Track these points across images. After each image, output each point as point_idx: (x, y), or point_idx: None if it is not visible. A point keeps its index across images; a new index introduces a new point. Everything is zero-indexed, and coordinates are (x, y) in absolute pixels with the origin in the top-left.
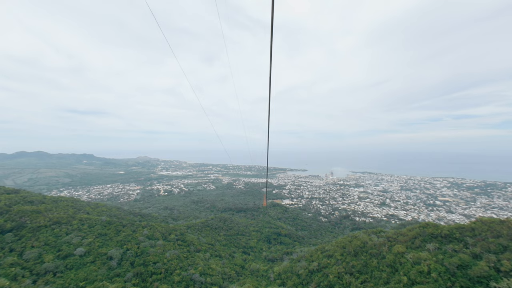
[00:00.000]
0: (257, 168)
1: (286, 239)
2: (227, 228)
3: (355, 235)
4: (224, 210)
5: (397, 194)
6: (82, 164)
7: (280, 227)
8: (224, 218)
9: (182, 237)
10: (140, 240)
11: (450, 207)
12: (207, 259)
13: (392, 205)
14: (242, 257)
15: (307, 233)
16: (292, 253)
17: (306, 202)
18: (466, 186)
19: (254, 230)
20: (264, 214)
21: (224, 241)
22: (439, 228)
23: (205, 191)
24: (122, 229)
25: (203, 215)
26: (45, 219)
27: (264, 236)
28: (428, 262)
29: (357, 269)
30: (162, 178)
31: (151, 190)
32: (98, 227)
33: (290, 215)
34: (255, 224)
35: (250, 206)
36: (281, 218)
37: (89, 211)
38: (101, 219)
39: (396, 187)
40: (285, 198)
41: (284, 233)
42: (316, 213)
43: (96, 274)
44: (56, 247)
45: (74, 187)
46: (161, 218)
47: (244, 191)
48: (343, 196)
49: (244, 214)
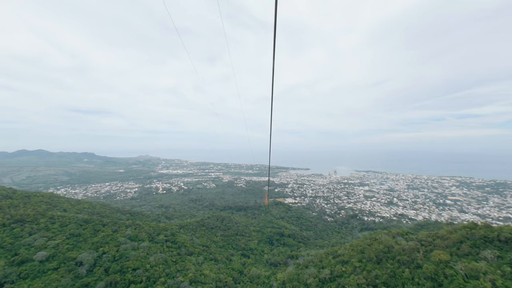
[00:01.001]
0: (259, 167)
1: (290, 240)
2: (225, 227)
3: (375, 237)
4: (224, 208)
5: (404, 193)
6: (82, 162)
7: (283, 227)
8: (222, 217)
9: (173, 238)
10: (120, 242)
11: (462, 207)
12: (200, 263)
13: (400, 204)
14: (241, 261)
15: (313, 233)
16: (298, 257)
17: (310, 201)
18: (476, 185)
19: (255, 230)
20: (265, 213)
21: (221, 242)
22: (494, 230)
23: (205, 189)
24: (102, 229)
25: (200, 214)
26: (5, 216)
27: (266, 237)
28: (491, 276)
29: (382, 281)
30: (162, 177)
31: (149, 188)
32: (72, 226)
33: (294, 214)
34: (256, 224)
35: (251, 205)
36: (284, 217)
37: (67, 208)
38: (78, 217)
39: (403, 186)
40: (287, 197)
41: (288, 234)
42: (321, 212)
43: (57, 285)
44: (12, 251)
45: (72, 185)
46: (154, 216)
47: (245, 190)
48: (348, 195)
49: (245, 213)
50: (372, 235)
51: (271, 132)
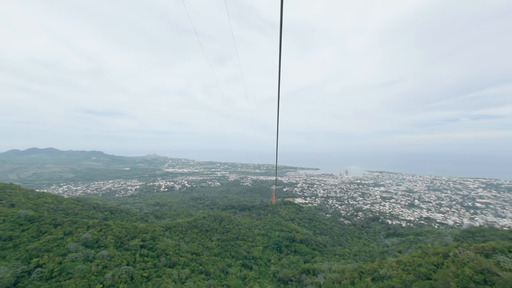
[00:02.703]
0: (266, 167)
1: (303, 247)
2: (223, 230)
3: (443, 251)
4: (225, 207)
5: (425, 195)
6: (90, 160)
7: (293, 230)
8: (221, 217)
9: (152, 243)
10: (69, 249)
11: (495, 210)
12: (185, 278)
13: (422, 206)
14: (240, 273)
15: (329, 238)
16: (316, 272)
17: (322, 201)
18: (505, 187)
19: (259, 234)
20: (273, 214)
21: (217, 248)
22: None
23: (209, 188)
24: (51, 230)
25: (199, 214)
26: None
27: (273, 242)
28: None
29: None
30: (166, 175)
31: (152, 186)
32: (5, 226)
33: (306, 216)
34: (262, 226)
35: (257, 204)
36: (295, 219)
37: (16, 202)
38: (19, 213)
39: (422, 187)
40: (297, 197)
41: (300, 239)
42: (335, 213)
43: None
44: None
45: (75, 182)
46: (141, 215)
47: (251, 188)
48: (364, 195)
49: (249, 213)
50: (435, 248)
51: (278, 126)
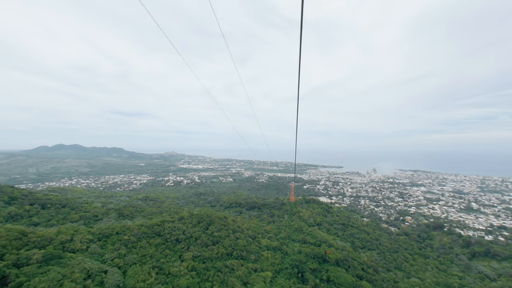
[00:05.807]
0: (284, 164)
1: (341, 273)
2: (208, 240)
3: None
4: (230, 205)
5: (482, 197)
6: (111, 156)
7: (323, 242)
8: (210, 218)
9: (42, 268)
10: None
11: None
12: None
13: (486, 211)
14: None
15: (378, 256)
16: None
17: (351, 201)
18: None
19: (269, 247)
20: (291, 215)
21: (188, 276)
22: None
23: (220, 183)
24: None
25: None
26: None
27: (291, 263)
28: None
29: None
30: (180, 171)
31: (160, 181)
32: None
33: (337, 219)
34: (274, 232)
35: (270, 202)
36: (322, 223)
37: None
38: None
39: (472, 188)
40: (320, 195)
41: (336, 258)
42: (373, 216)
43: None
44: None
45: (88, 176)
46: (97, 212)
47: (266, 185)
48: (402, 196)
49: (258, 213)
50: None
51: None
